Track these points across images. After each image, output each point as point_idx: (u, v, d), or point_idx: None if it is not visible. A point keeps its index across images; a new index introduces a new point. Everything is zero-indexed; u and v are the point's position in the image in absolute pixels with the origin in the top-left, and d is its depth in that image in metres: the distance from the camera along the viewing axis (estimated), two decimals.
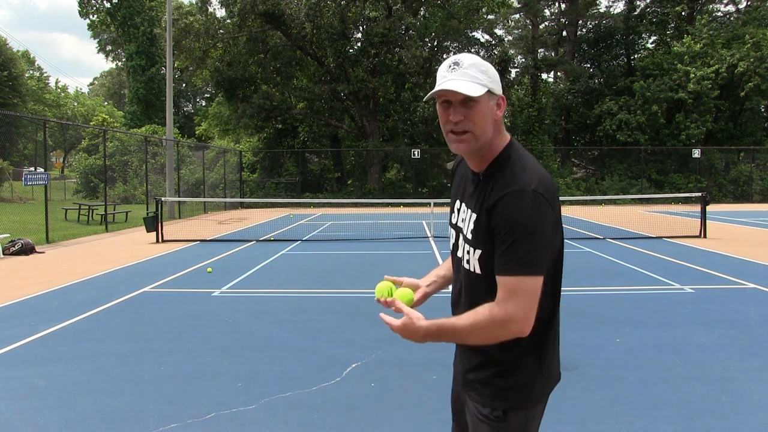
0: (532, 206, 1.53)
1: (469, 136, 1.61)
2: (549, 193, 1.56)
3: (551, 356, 1.72)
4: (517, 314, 1.53)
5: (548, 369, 1.71)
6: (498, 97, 1.64)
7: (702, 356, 4.83)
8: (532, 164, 1.62)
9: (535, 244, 1.52)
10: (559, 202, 1.65)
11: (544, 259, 1.55)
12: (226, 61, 30.49)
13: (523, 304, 1.52)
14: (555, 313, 1.71)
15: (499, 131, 1.66)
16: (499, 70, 26.85)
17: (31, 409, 3.84)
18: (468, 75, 1.60)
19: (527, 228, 1.52)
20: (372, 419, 3.66)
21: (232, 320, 6.17)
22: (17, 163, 42.97)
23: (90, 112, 55.92)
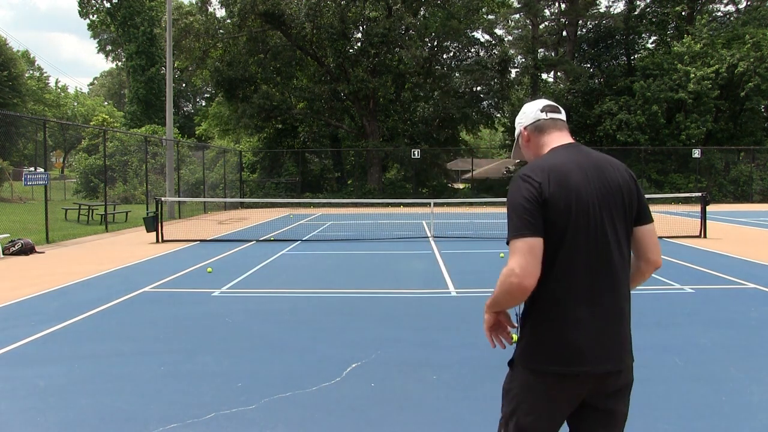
0: (511, 187, 1.94)
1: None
2: (532, 173, 1.90)
3: (550, 335, 1.89)
4: (514, 268, 1.82)
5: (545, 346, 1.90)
6: (520, 135, 2.16)
7: (702, 356, 4.83)
8: (539, 160, 1.99)
9: (512, 214, 1.88)
10: (565, 183, 1.88)
11: (526, 223, 1.84)
12: (226, 61, 30.49)
13: (517, 259, 1.82)
14: (555, 294, 1.88)
15: (541, 148, 2.08)
16: (499, 70, 26.88)
17: (31, 409, 3.84)
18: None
19: (508, 203, 1.91)
20: (372, 419, 3.66)
21: (232, 320, 6.17)
22: (17, 163, 42.98)
23: (90, 112, 55.93)
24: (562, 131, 2.09)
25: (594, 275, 1.89)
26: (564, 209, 1.85)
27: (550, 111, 2.10)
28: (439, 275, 8.75)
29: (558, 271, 1.87)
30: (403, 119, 31.87)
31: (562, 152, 1.99)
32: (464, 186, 35.89)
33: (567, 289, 1.87)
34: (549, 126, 2.08)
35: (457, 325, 5.91)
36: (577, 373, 1.86)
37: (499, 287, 1.89)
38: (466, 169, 38.06)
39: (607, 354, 1.92)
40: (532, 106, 2.13)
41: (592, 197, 1.89)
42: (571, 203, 1.86)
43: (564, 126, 2.11)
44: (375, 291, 7.66)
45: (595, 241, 1.88)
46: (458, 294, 7.41)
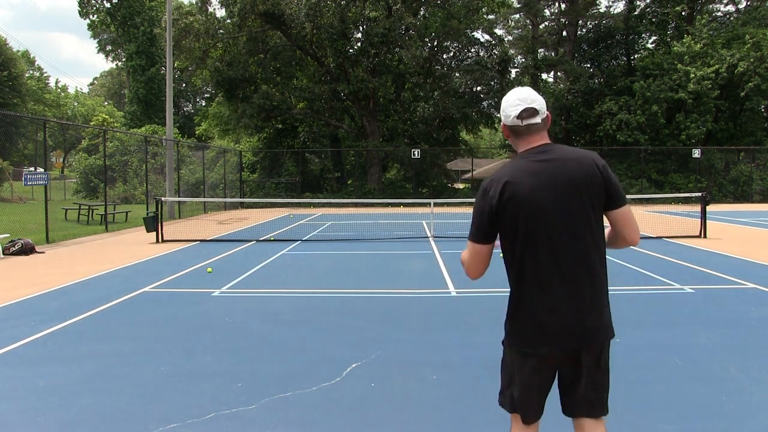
0: (477, 193, 2.27)
1: None
2: (489, 186, 2.21)
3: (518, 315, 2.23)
4: (464, 260, 2.37)
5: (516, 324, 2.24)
6: (502, 126, 2.36)
7: (702, 356, 4.83)
8: (498, 171, 2.26)
9: (473, 218, 2.27)
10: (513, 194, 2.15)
11: (476, 231, 2.25)
12: (226, 61, 30.49)
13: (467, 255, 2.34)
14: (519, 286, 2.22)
15: (516, 146, 2.32)
16: (499, 70, 26.84)
17: (31, 409, 3.84)
18: None
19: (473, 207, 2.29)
20: (372, 419, 3.66)
21: (232, 320, 6.17)
22: (17, 163, 42.98)
23: (90, 112, 55.94)
24: (535, 135, 2.25)
25: (552, 268, 2.15)
26: (512, 217, 2.16)
27: (526, 117, 2.21)
28: (439, 275, 8.75)
29: (520, 268, 2.19)
30: (403, 119, 31.87)
31: (521, 161, 2.22)
32: (464, 186, 35.89)
33: (529, 282, 2.18)
34: (523, 132, 2.25)
35: (457, 325, 5.91)
36: (540, 352, 2.18)
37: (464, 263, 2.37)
38: (466, 169, 38.06)
39: (571, 333, 2.16)
40: (510, 107, 2.24)
41: (544, 200, 2.13)
42: (530, 207, 2.14)
43: (538, 129, 2.24)
44: (375, 291, 7.66)
45: (558, 237, 2.15)
46: (458, 294, 7.41)
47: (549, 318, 2.15)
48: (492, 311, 6.42)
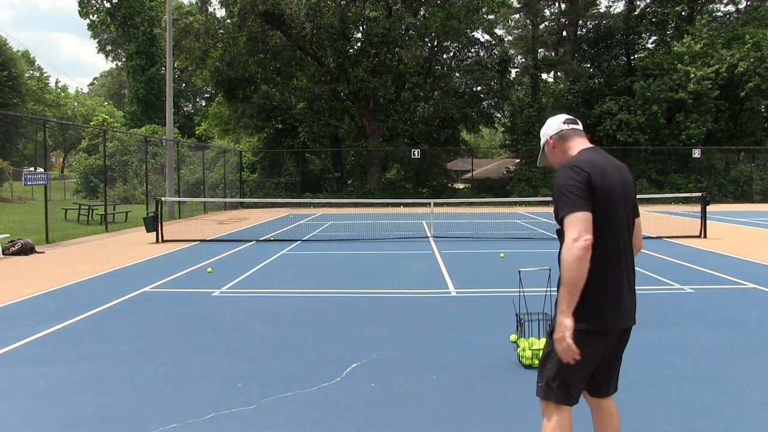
0: (561, 174, 2.36)
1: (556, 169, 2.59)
2: (580, 164, 2.34)
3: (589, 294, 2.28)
4: (574, 236, 2.22)
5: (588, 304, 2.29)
6: (546, 144, 2.64)
7: (702, 356, 4.83)
8: (577, 156, 2.45)
9: (566, 193, 2.29)
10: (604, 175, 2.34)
11: (580, 201, 2.26)
12: (226, 61, 30.49)
13: (576, 228, 2.23)
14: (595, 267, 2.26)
15: (566, 152, 2.55)
16: (499, 70, 26.89)
17: (31, 409, 3.84)
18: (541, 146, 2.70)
19: (560, 187, 2.32)
20: (372, 419, 3.66)
21: (232, 320, 6.17)
22: (17, 163, 42.99)
23: (90, 112, 55.93)
24: (583, 137, 2.58)
25: (620, 253, 2.36)
26: (605, 196, 2.31)
27: (570, 123, 2.59)
28: (439, 275, 8.75)
29: (597, 249, 2.26)
30: (403, 119, 31.87)
31: (592, 152, 2.46)
32: (464, 186, 35.90)
33: (604, 264, 2.31)
34: (571, 134, 2.57)
35: (457, 325, 5.91)
36: (611, 330, 2.36)
37: (565, 262, 2.22)
38: (466, 169, 38.06)
39: (628, 314, 2.43)
40: (554, 120, 2.62)
41: (619, 189, 2.38)
42: (609, 192, 2.33)
43: (583, 134, 2.59)
44: (375, 291, 7.66)
45: (620, 225, 2.37)
46: (458, 294, 7.40)
47: (617, 297, 2.35)
48: (492, 311, 6.42)
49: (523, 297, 4.66)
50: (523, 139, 31.07)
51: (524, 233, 14.64)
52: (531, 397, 3.93)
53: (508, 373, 4.42)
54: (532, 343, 4.51)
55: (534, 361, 4.46)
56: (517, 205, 25.23)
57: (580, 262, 2.20)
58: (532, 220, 18.87)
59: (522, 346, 4.56)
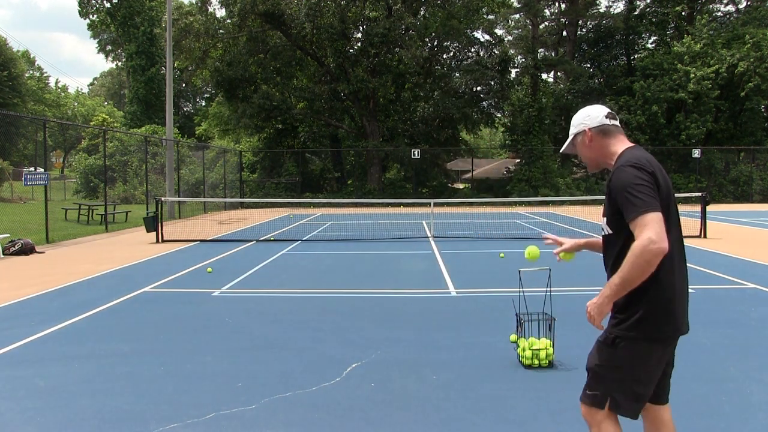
0: (625, 173, 2.20)
1: (584, 161, 2.53)
2: (643, 164, 2.20)
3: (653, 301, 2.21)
4: (652, 236, 2.07)
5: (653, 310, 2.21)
6: (582, 134, 2.44)
7: (702, 356, 4.83)
8: (635, 153, 2.28)
9: (635, 194, 2.14)
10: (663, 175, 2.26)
11: (651, 201, 2.13)
12: (226, 61, 30.49)
13: (654, 228, 2.08)
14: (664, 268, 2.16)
15: (606, 148, 2.40)
16: (499, 70, 26.88)
17: (31, 409, 3.84)
18: (570, 134, 2.52)
19: (626, 186, 2.17)
20: (372, 419, 3.66)
21: (232, 320, 6.17)
22: (17, 163, 42.98)
23: (90, 112, 55.95)
24: (623, 135, 2.43)
25: (679, 253, 2.28)
26: (667, 195, 2.23)
27: (612, 118, 2.42)
28: (439, 275, 8.75)
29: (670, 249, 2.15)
30: (403, 119, 31.87)
31: (643, 151, 2.32)
32: (464, 186, 35.89)
33: (671, 264, 2.21)
34: (613, 131, 2.41)
35: (457, 325, 5.91)
36: (681, 335, 2.29)
37: (635, 261, 2.09)
38: (466, 169, 38.07)
39: (686, 318, 2.33)
40: (596, 110, 2.43)
41: (671, 188, 2.30)
42: (669, 191, 2.25)
43: (623, 131, 2.45)
44: (375, 291, 7.66)
45: (677, 223, 2.30)
46: (458, 294, 7.40)
47: (680, 302, 2.25)
48: (492, 311, 6.42)
49: (523, 297, 4.66)
50: (523, 139, 31.06)
51: (524, 233, 14.64)
52: (531, 396, 3.95)
53: (508, 373, 4.42)
54: (532, 343, 4.51)
55: (534, 361, 4.46)
56: (517, 205, 25.23)
57: (650, 266, 2.09)
58: (532, 220, 18.87)
59: (522, 346, 4.56)
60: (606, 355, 2.27)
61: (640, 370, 2.24)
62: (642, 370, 2.24)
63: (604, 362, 2.28)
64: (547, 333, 4.60)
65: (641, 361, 2.23)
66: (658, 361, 2.26)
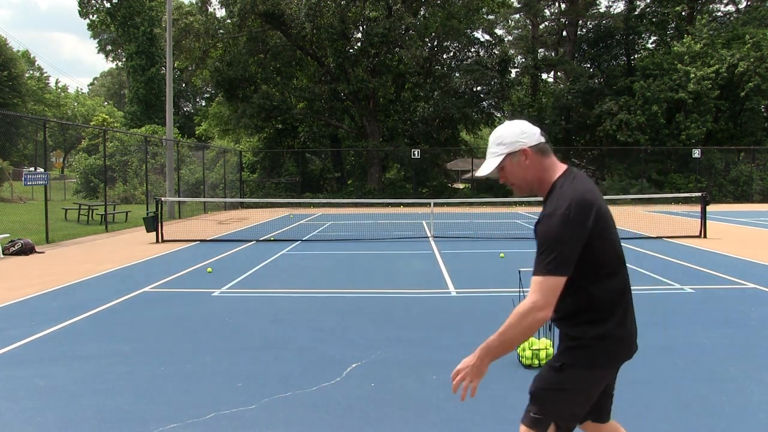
0: (553, 225, 2.01)
1: (515, 187, 2.26)
2: (571, 210, 2.00)
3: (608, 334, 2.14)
4: (541, 302, 1.98)
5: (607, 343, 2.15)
6: (519, 153, 2.15)
7: (702, 356, 4.83)
8: (570, 190, 2.07)
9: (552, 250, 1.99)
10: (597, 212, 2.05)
11: (562, 262, 1.98)
12: (226, 61, 30.48)
13: (544, 295, 1.98)
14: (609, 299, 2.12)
15: (545, 172, 2.17)
16: (499, 70, 26.85)
17: (31, 409, 3.84)
18: (490, 153, 2.21)
19: (547, 239, 2.02)
20: (372, 419, 3.66)
21: (232, 320, 6.17)
22: (17, 163, 42.99)
23: (90, 112, 55.93)
24: (553, 155, 2.23)
25: (624, 275, 2.19)
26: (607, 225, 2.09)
27: (544, 135, 2.22)
28: (439, 275, 8.75)
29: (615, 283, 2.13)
30: (403, 119, 31.87)
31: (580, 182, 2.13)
32: (464, 186, 35.90)
33: (624, 296, 2.17)
34: (549, 150, 2.21)
35: (457, 325, 5.91)
36: (628, 359, 2.23)
37: (519, 322, 2.01)
38: (466, 169, 38.08)
39: (635, 342, 2.27)
40: (530, 126, 2.20)
41: (608, 210, 2.15)
42: (608, 221, 2.11)
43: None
44: (375, 291, 7.66)
45: (621, 249, 2.18)
46: (458, 294, 7.41)
47: (633, 327, 2.23)
48: (492, 311, 6.42)
49: (523, 297, 4.65)
50: None
51: (524, 233, 14.64)
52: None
53: (508, 373, 4.41)
54: (532, 343, 4.51)
55: (534, 360, 4.46)
56: (517, 205, 25.23)
57: (531, 331, 2.04)
58: (532, 220, 18.83)
59: (522, 346, 4.55)
60: (552, 379, 2.21)
61: (583, 395, 2.20)
62: (584, 396, 2.20)
63: (549, 386, 2.22)
64: (547, 333, 4.60)
65: (589, 386, 2.19)
66: (602, 384, 2.22)
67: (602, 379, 2.22)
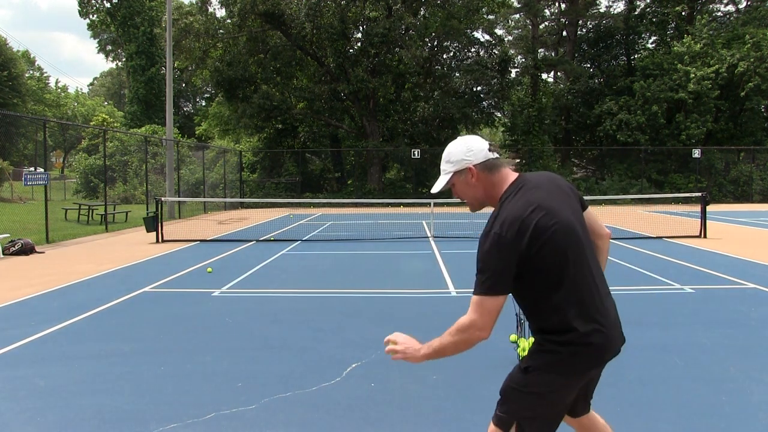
0: (488, 244, 2.01)
1: (467, 203, 2.29)
2: (505, 229, 1.98)
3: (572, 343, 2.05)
4: (479, 323, 2.03)
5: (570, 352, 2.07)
6: (465, 171, 2.14)
7: (702, 356, 4.83)
8: (509, 206, 2.04)
9: (485, 271, 2.00)
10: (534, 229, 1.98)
11: (493, 283, 1.98)
12: (226, 61, 30.48)
13: (482, 315, 2.03)
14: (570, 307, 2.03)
15: (492, 188, 2.15)
16: (499, 70, 26.80)
17: (31, 409, 3.84)
18: (442, 170, 2.21)
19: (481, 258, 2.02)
20: (372, 419, 3.66)
21: (232, 320, 6.17)
22: (17, 163, 42.97)
23: (90, 112, 55.92)
24: (507, 167, 2.19)
25: (586, 275, 2.07)
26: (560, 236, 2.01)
27: (494, 150, 2.15)
28: (439, 275, 8.75)
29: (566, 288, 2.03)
30: (403, 119, 31.86)
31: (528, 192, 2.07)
32: None
33: (570, 302, 2.04)
34: (497, 165, 2.15)
35: None
36: (592, 373, 2.14)
37: (457, 337, 2.09)
38: None
39: (616, 346, 2.13)
40: (478, 143, 2.14)
41: (567, 212, 2.07)
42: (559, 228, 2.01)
43: (504, 164, 2.19)
44: (375, 291, 7.66)
45: (582, 251, 2.08)
46: (458, 294, 7.41)
47: (603, 338, 2.05)
48: None
49: None
50: (523, 139, 31.07)
51: None
52: None
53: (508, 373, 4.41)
54: (531, 342, 4.50)
55: None
56: None
57: (467, 347, 2.09)
58: None
59: (522, 346, 4.55)
60: (518, 379, 2.18)
61: (547, 399, 2.12)
62: (549, 401, 2.12)
63: (515, 385, 2.19)
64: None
65: (551, 391, 2.11)
66: (569, 390, 2.14)
67: (569, 387, 2.12)
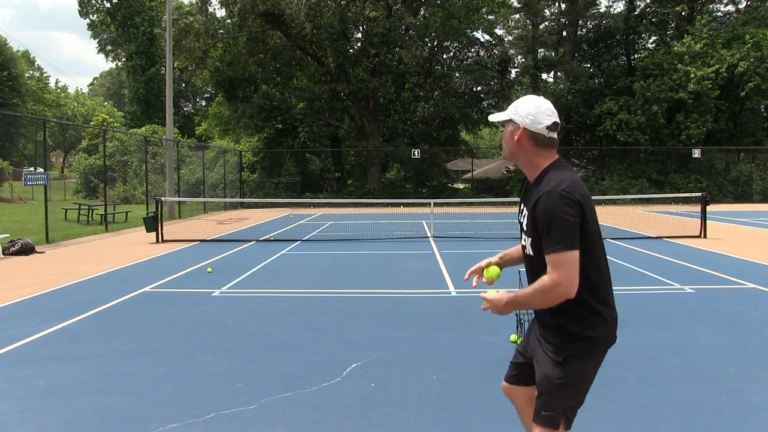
0: (554, 202, 2.12)
1: (505, 146, 2.35)
2: (569, 191, 2.12)
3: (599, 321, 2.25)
4: (562, 280, 2.09)
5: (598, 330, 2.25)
6: (517, 126, 2.26)
7: (702, 356, 4.83)
8: (564, 176, 2.19)
9: (561, 228, 2.09)
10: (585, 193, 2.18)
11: (569, 236, 2.09)
12: (226, 61, 30.49)
13: (564, 272, 2.09)
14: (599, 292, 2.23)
15: (531, 157, 2.28)
16: (499, 70, 26.83)
17: (31, 409, 3.84)
18: (507, 111, 2.31)
19: (552, 216, 2.11)
20: (372, 419, 3.66)
21: (232, 320, 6.17)
22: (17, 163, 42.99)
23: (90, 112, 55.94)
24: (555, 148, 2.31)
25: (606, 266, 2.30)
26: (593, 217, 2.21)
27: (553, 131, 2.26)
28: (439, 275, 8.75)
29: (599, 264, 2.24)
30: (403, 119, 31.87)
31: (569, 172, 2.25)
32: (464, 186, 35.90)
33: (606, 279, 2.27)
34: (547, 143, 2.26)
35: (457, 325, 5.91)
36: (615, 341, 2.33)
37: (542, 296, 2.15)
38: (466, 169, 38.07)
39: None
40: (543, 116, 2.24)
41: (595, 212, 2.27)
42: (593, 211, 2.22)
43: (556, 145, 2.32)
44: (375, 291, 7.66)
45: (601, 239, 2.29)
46: (458, 294, 7.41)
47: (616, 315, 2.31)
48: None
49: None
50: None
51: None
52: None
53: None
54: None
55: None
56: (517, 206, 25.24)
57: (553, 304, 2.18)
58: None
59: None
60: (558, 374, 2.26)
61: (588, 382, 2.30)
62: (587, 384, 2.31)
63: (557, 380, 2.27)
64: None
65: (591, 374, 2.30)
66: (598, 368, 2.33)
67: (599, 364, 2.31)
